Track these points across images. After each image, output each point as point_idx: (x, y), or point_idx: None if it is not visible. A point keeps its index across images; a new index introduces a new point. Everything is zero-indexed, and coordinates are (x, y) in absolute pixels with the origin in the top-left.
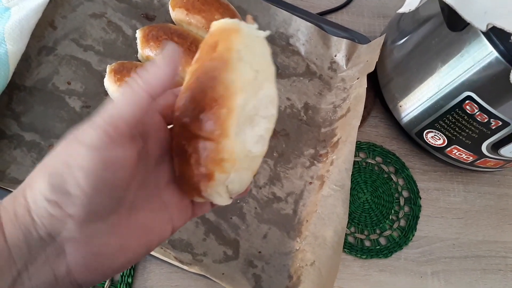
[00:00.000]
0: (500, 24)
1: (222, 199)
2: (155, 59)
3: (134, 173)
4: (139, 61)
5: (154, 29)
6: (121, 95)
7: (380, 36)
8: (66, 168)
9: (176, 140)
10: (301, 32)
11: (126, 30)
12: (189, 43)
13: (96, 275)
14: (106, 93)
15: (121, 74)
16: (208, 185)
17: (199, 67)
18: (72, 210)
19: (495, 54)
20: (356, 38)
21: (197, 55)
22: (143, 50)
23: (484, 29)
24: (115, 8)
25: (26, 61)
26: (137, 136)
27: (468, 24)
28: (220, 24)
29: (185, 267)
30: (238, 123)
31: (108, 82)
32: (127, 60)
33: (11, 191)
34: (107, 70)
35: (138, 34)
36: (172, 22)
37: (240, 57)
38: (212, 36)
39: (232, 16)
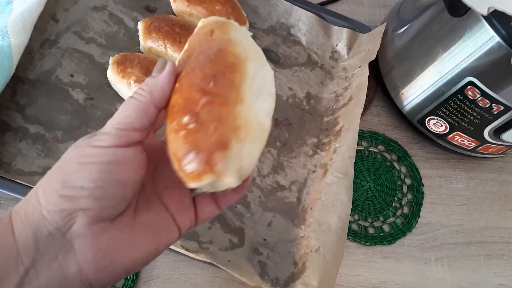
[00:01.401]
0: (501, 7)
1: (232, 179)
2: (155, 75)
3: (142, 174)
4: (141, 52)
5: (155, 20)
6: (129, 105)
7: (380, 25)
8: (79, 166)
9: (179, 114)
10: (302, 22)
11: (128, 22)
12: (190, 34)
13: (107, 274)
14: (109, 85)
15: (124, 65)
16: (224, 155)
17: (197, 49)
18: (84, 204)
19: (497, 38)
20: (357, 27)
21: (186, 47)
22: (145, 42)
23: (485, 13)
24: (116, 0)
25: (29, 54)
26: (142, 143)
27: (469, 9)
28: (210, 19)
29: (191, 254)
30: (251, 90)
31: (111, 74)
32: (130, 52)
33: (17, 182)
34: (110, 61)
35: (140, 25)
36: (173, 14)
37: (239, 39)
38: (204, 27)
39: (233, 7)
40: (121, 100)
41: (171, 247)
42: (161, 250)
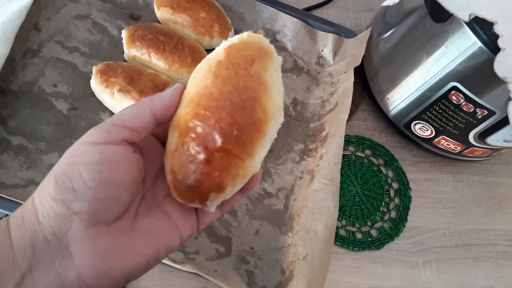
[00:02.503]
0: (482, 14)
1: (213, 209)
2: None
3: (135, 175)
4: (126, 61)
5: (139, 28)
6: (128, 107)
7: (366, 29)
8: (70, 166)
9: (193, 139)
10: (288, 28)
11: (112, 30)
12: (175, 42)
13: (107, 280)
14: (93, 95)
15: (107, 75)
16: (217, 195)
17: (234, 76)
18: (77, 207)
19: (479, 44)
20: (342, 32)
21: (223, 57)
22: (129, 50)
23: (467, 19)
24: (99, 8)
25: (11, 65)
26: (138, 151)
27: (451, 15)
28: (256, 38)
29: (177, 266)
30: (262, 145)
31: (95, 83)
32: (114, 61)
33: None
34: (93, 71)
35: (124, 34)
36: (158, 22)
37: (273, 82)
38: (247, 48)
39: (218, 14)
40: (106, 109)
41: None
42: (162, 256)
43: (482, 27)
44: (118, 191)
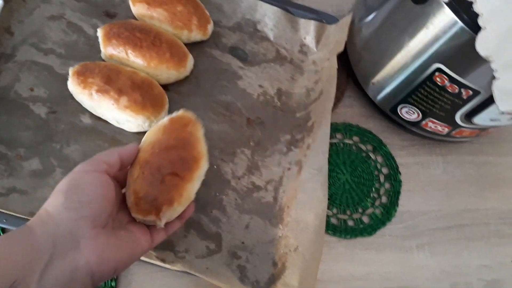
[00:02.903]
0: None
1: (163, 224)
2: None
3: (108, 196)
4: (103, 60)
5: (115, 26)
6: (103, 152)
7: (348, 14)
8: (75, 185)
9: (150, 167)
10: (268, 17)
11: (87, 29)
12: (152, 37)
13: (105, 267)
14: (71, 97)
15: (84, 75)
16: (168, 208)
17: (176, 132)
18: (84, 213)
19: (460, 24)
20: (324, 18)
21: (166, 123)
22: (106, 49)
23: None
24: (73, 8)
25: None
26: (113, 181)
27: None
28: (186, 115)
29: (167, 265)
30: (198, 176)
31: (72, 85)
32: (91, 61)
33: None
34: (70, 72)
35: (99, 33)
36: (134, 18)
37: (199, 138)
38: (181, 120)
39: (195, 7)
40: (85, 111)
41: (147, 259)
42: (137, 256)
43: (462, 7)
44: (105, 204)
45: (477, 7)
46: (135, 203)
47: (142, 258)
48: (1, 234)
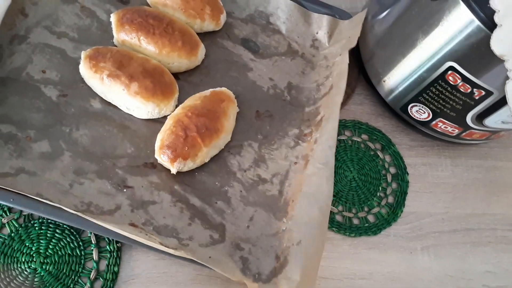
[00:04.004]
0: None
1: (174, 170)
2: None
3: None
4: (115, 46)
5: (128, 12)
6: None
7: (361, 11)
8: None
9: (177, 128)
10: (281, 10)
11: (101, 14)
12: (165, 25)
13: None
14: (82, 81)
15: (96, 60)
16: (181, 161)
17: (211, 103)
18: None
19: (476, 21)
20: (337, 14)
21: (209, 94)
22: (118, 35)
23: None
24: None
25: None
26: None
27: None
28: (225, 91)
29: (171, 251)
30: (216, 145)
31: (84, 69)
32: (103, 46)
33: None
34: (82, 56)
35: (112, 18)
36: (147, 5)
37: (229, 115)
38: (220, 95)
39: None
40: (96, 96)
41: (151, 244)
42: None
43: (479, 4)
44: None
45: (494, 3)
46: (159, 147)
47: (146, 242)
48: (8, 213)
